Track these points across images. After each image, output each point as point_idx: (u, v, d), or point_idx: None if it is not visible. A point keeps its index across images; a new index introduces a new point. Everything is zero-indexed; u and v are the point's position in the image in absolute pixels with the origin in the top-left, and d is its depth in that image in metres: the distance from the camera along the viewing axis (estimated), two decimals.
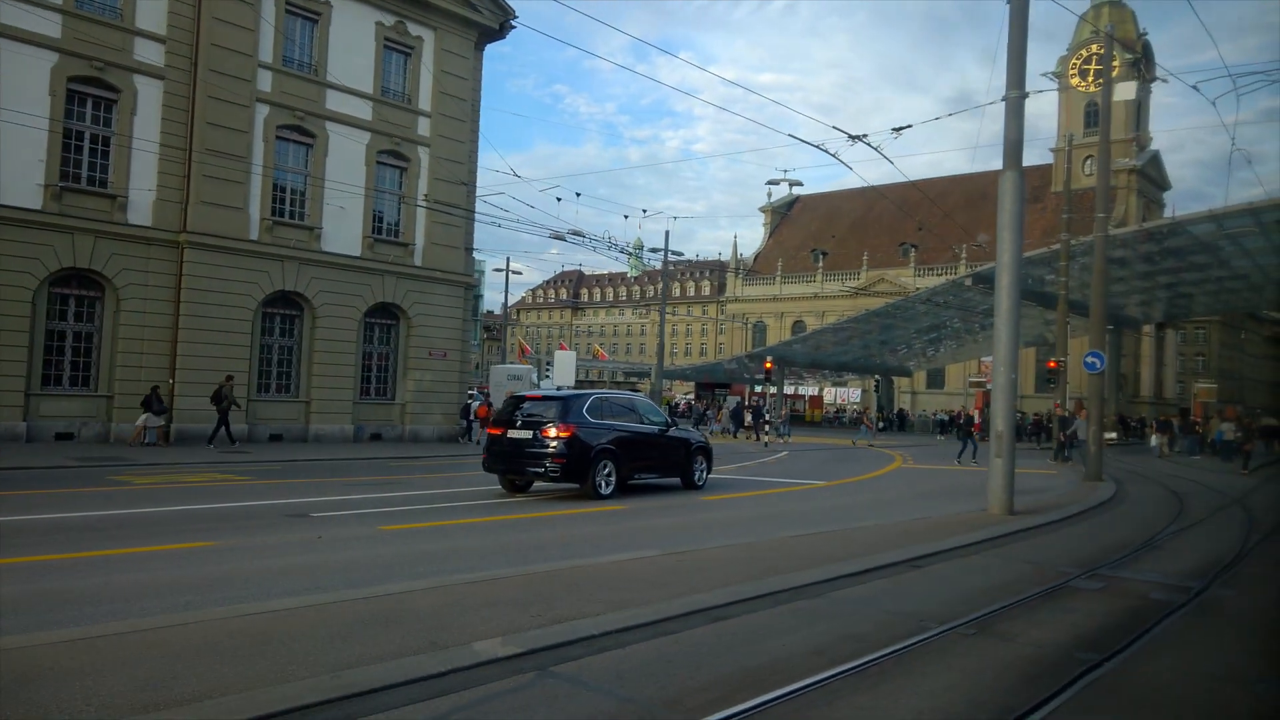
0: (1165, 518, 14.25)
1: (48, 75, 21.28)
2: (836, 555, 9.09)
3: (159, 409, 22.11)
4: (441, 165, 28.36)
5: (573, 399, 14.83)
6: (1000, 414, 13.29)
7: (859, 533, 11.11)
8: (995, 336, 13.47)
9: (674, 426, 16.66)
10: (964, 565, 9.19)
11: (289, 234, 25.38)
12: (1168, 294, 51.21)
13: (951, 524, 12.22)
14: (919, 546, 9.83)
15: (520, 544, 9.81)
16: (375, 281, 27.22)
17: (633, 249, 70.33)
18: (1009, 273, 13.35)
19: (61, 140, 21.74)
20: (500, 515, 12.27)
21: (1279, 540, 12.39)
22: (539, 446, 14.08)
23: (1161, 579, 8.79)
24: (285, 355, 25.93)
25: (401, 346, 28.28)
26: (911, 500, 16.47)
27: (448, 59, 28.70)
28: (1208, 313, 68.04)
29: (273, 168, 25.03)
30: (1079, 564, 9.37)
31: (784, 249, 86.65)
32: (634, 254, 27.18)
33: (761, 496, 16.43)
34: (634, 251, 25.93)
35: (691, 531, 11.22)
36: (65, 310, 22.24)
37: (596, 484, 14.33)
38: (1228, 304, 60.45)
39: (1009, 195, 13.38)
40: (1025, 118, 13.65)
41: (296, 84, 25.43)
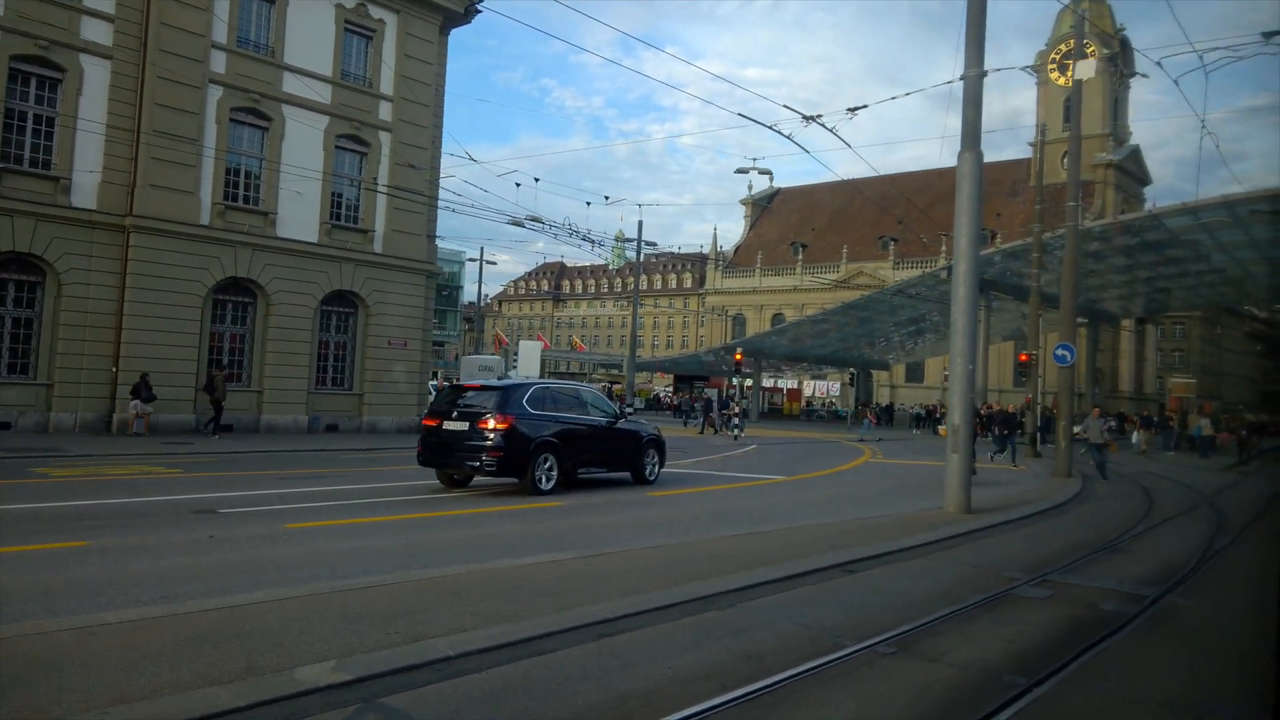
0: (1131, 517, 13.72)
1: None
2: (768, 558, 8.47)
3: (147, 396, 21.70)
4: (403, 150, 27.57)
5: (512, 389, 14.14)
6: (957, 406, 12.70)
7: (800, 532, 10.49)
8: (952, 326, 12.87)
9: (624, 418, 16.00)
10: (903, 570, 8.58)
11: (242, 219, 24.55)
12: (1146, 288, 50.94)
13: (902, 523, 11.64)
14: (859, 549, 9.22)
15: (431, 544, 9.14)
16: (333, 268, 26.43)
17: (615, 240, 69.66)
18: (966, 259, 12.75)
19: (3, 120, 20.88)
20: (424, 512, 11.59)
21: (1246, 543, 11.85)
22: (475, 439, 13.39)
23: (1115, 586, 8.20)
24: (237, 344, 25.12)
25: (360, 335, 27.51)
26: (869, 497, 15.88)
27: (411, 43, 27.88)
28: (1186, 308, 67.94)
29: (225, 151, 24.19)
30: (1028, 569, 8.79)
31: (764, 241, 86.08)
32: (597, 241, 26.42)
33: (713, 492, 15.80)
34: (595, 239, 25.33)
35: (624, 531, 10.58)
36: (4, 295, 21.37)
37: (536, 479, 13.66)
38: (1206, 299, 60.24)
39: (967, 178, 12.78)
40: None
41: (252, 65, 24.57)
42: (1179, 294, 54.17)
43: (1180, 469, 25.86)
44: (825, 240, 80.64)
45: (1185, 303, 61.94)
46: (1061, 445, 20.03)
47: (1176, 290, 52.40)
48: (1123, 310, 57.04)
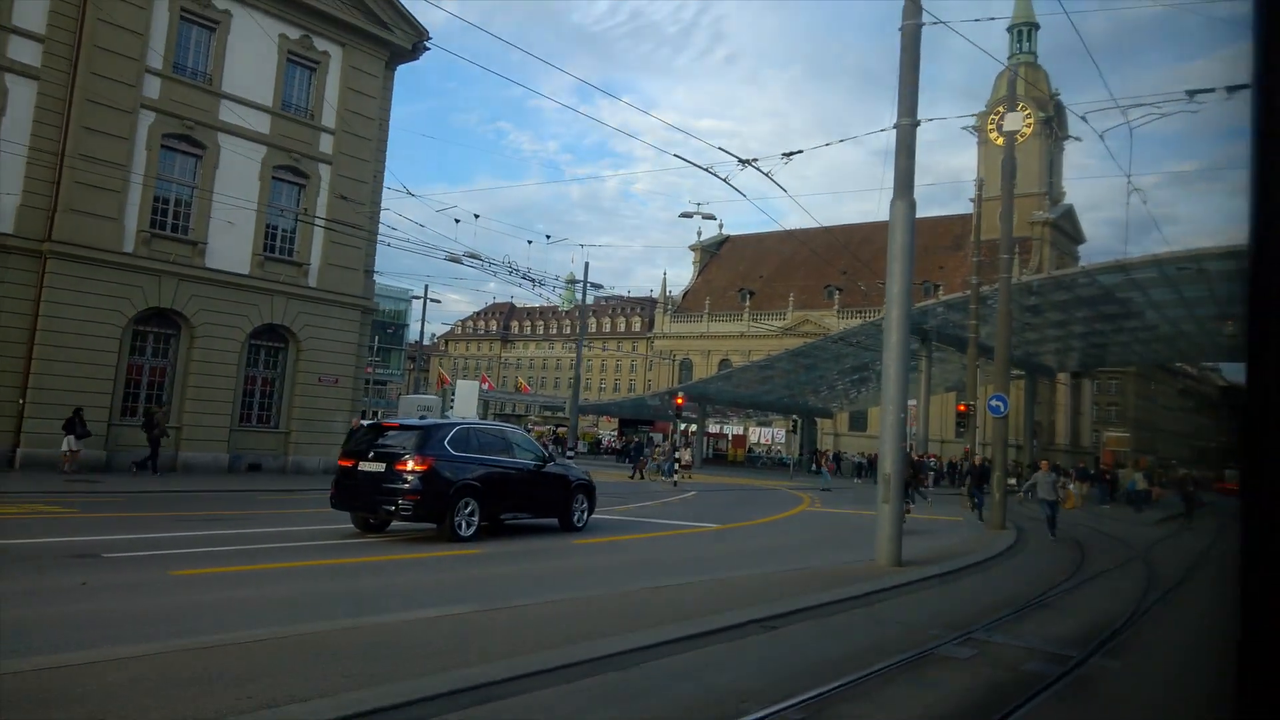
0: (1062, 571, 13.54)
1: None
2: (684, 613, 8.05)
3: (82, 433, 20.89)
4: (343, 184, 27.02)
5: (433, 429, 13.59)
6: (888, 456, 12.46)
7: (723, 585, 10.08)
8: (884, 374, 12.69)
9: (553, 461, 15.51)
10: (823, 627, 8.21)
11: (169, 248, 23.74)
12: (1082, 344, 51.96)
13: (829, 576, 11.30)
14: (781, 603, 8.83)
15: (324, 595, 8.56)
16: (264, 301, 25.65)
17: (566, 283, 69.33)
18: (898, 305, 12.61)
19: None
20: (328, 559, 10.96)
21: (1178, 600, 11.72)
22: (391, 481, 12.79)
23: (1040, 645, 7.91)
24: (157, 377, 24.15)
25: (289, 371, 26.66)
26: (801, 547, 15.54)
27: (355, 76, 27.50)
28: (1121, 363, 69.43)
29: (155, 178, 23.45)
30: (954, 626, 8.47)
31: (712, 288, 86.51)
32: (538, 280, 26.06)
33: (642, 541, 15.34)
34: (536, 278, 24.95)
35: (539, 582, 10.07)
36: None
37: (456, 525, 13.07)
38: (1139, 355, 61.65)
39: (899, 225, 12.69)
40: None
41: (187, 92, 23.95)
42: (1114, 349, 55.34)
43: (1114, 523, 26.01)
44: (773, 288, 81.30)
45: (1120, 358, 63.34)
46: (996, 497, 19.95)
47: (1111, 346, 53.52)
48: (1059, 364, 58.08)
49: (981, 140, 76.15)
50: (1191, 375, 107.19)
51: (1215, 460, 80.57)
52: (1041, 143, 74.95)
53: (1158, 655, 8.22)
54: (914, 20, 13.05)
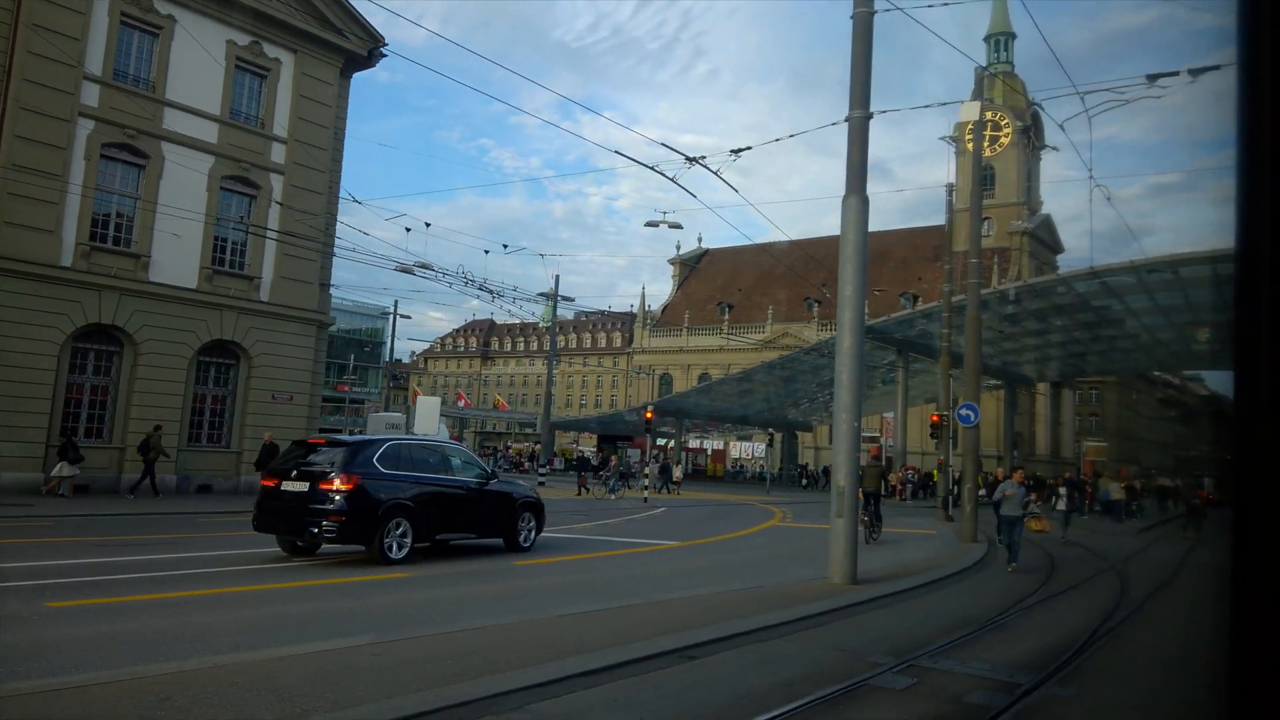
0: (1028, 587, 12.83)
1: None
2: (605, 641, 7.29)
3: (74, 458, 20.66)
4: (296, 195, 26.23)
5: (362, 445, 12.79)
6: (842, 466, 11.73)
7: (659, 608, 9.32)
8: (836, 380, 11.98)
9: (496, 478, 14.72)
10: (754, 654, 7.45)
11: (110, 261, 22.87)
12: (1061, 353, 51.56)
13: (777, 595, 10.55)
14: (714, 628, 8.08)
15: (206, 628, 7.72)
16: (212, 316, 24.77)
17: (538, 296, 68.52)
18: (851, 309, 11.93)
19: None
20: (237, 586, 10.11)
21: (1146, 616, 11.02)
22: (316, 501, 11.98)
23: (989, 671, 7.17)
24: (99, 396, 23.22)
25: (241, 389, 25.79)
26: (758, 564, 14.78)
27: (308, 84, 26.74)
28: (1100, 373, 69.18)
29: (94, 189, 22.61)
30: (899, 651, 7.72)
31: (692, 301, 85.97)
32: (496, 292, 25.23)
33: (592, 561, 14.54)
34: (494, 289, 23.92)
35: (461, 609, 9.27)
36: None
37: (386, 546, 12.26)
38: (1118, 364, 61.37)
39: (851, 223, 12.03)
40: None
41: (129, 100, 23.12)
42: (1093, 359, 54.99)
43: (1091, 534, 25.34)
44: (752, 301, 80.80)
45: (1099, 368, 63.03)
46: (966, 509, 19.27)
47: (1091, 355, 53.16)
48: (1038, 374, 57.67)
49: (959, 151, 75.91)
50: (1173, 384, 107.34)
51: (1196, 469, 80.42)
52: (1019, 152, 74.98)
53: (1116, 680, 7.49)
54: (866, 8, 12.43)
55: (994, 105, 75.91)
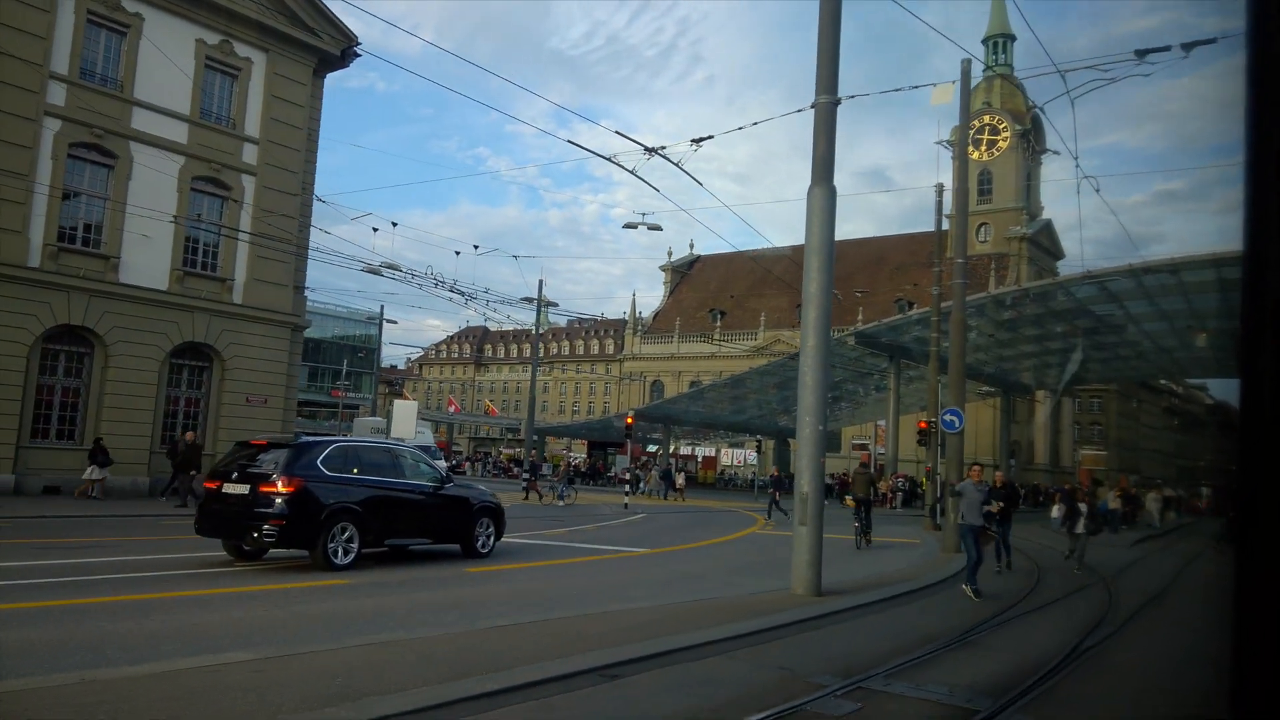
0: (1007, 600, 12.23)
1: None
2: (523, 656, 6.73)
3: (104, 461, 20.85)
4: (269, 196, 25.73)
5: (306, 447, 12.22)
6: (805, 471, 11.18)
7: (598, 620, 8.75)
8: (800, 381, 11.42)
9: (451, 482, 14.16)
10: (685, 673, 6.87)
11: (79, 262, 22.39)
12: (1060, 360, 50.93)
13: (734, 608, 9.98)
14: (649, 644, 7.51)
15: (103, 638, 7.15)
16: (184, 318, 24.28)
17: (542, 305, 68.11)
18: (816, 306, 11.38)
19: None
20: (159, 592, 9.51)
21: (1132, 633, 10.43)
22: (257, 504, 11.45)
23: (944, 696, 6.59)
24: (69, 398, 22.73)
25: (214, 391, 25.28)
26: (722, 574, 14.18)
27: (280, 84, 26.27)
28: (1101, 381, 68.55)
29: (61, 189, 22.12)
30: (849, 671, 7.15)
31: (683, 308, 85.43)
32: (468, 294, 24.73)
33: (549, 568, 13.97)
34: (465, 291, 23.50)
35: (386, 618, 8.70)
36: None
37: (330, 552, 11.71)
38: (1120, 372, 60.73)
39: (817, 216, 11.48)
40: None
41: (96, 99, 22.66)
42: (1094, 367, 54.35)
43: None
44: (744, 307, 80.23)
45: (1100, 376, 62.39)
46: (950, 518, 18.67)
47: (1091, 363, 52.55)
48: (1037, 382, 57.02)
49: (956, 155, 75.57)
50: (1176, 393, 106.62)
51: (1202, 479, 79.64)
52: (1019, 156, 74.37)
53: (1087, 706, 6.91)
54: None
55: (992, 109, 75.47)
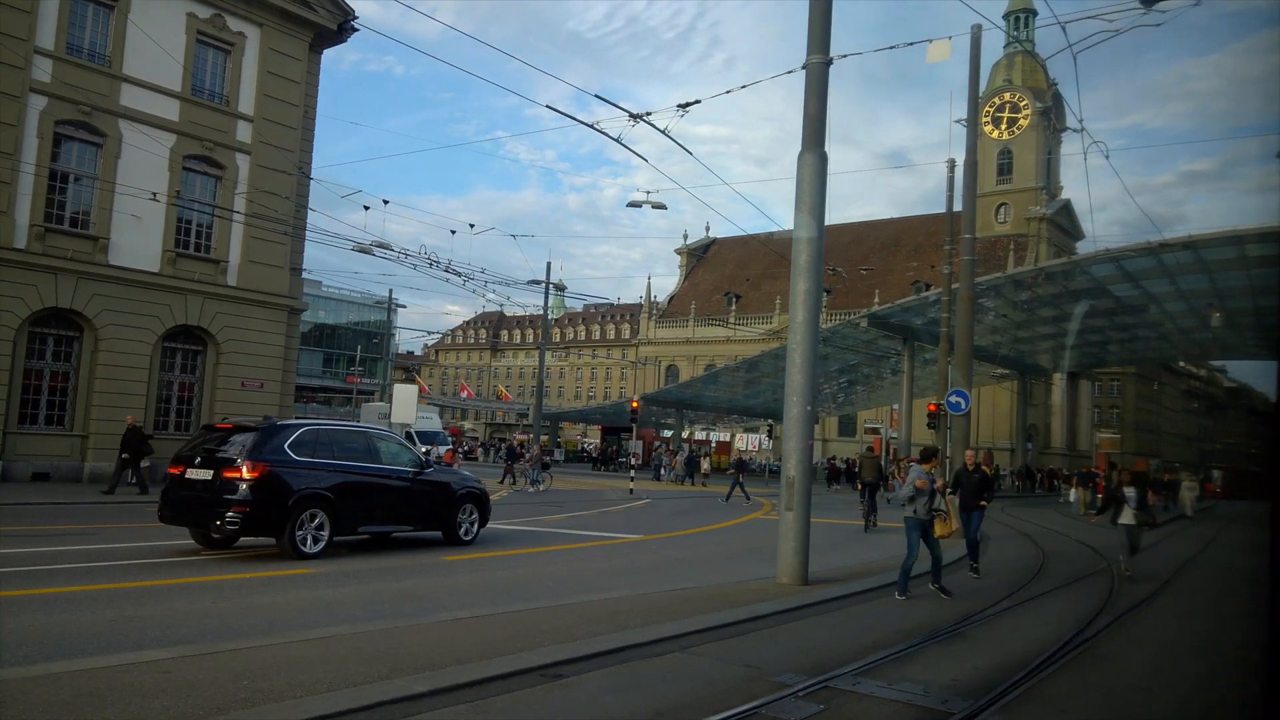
0: (1002, 589, 11.62)
1: None
2: (469, 653, 6.23)
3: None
4: (264, 175, 25.25)
5: (272, 430, 11.71)
6: (793, 455, 10.59)
7: (564, 613, 8.20)
8: (788, 360, 10.82)
9: (431, 468, 13.65)
10: (637, 672, 6.32)
11: (66, 243, 21.99)
12: (1078, 342, 49.89)
13: (713, 597, 9.43)
14: (601, 640, 6.98)
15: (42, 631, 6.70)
16: (176, 301, 23.87)
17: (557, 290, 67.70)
18: (806, 278, 10.76)
19: None
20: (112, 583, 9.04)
21: (1132, 624, 9.80)
22: (220, 491, 10.99)
23: (918, 696, 6.02)
24: (59, 382, 22.40)
25: (209, 375, 24.90)
26: (712, 561, 13.65)
27: (275, 60, 25.73)
28: (1120, 363, 67.36)
29: (48, 168, 21.71)
30: (820, 667, 6.58)
31: (698, 292, 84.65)
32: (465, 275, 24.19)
33: (533, 555, 13.46)
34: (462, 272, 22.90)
35: (336, 611, 8.21)
36: None
37: (299, 540, 11.25)
38: (1140, 354, 59.55)
39: (807, 183, 10.84)
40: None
41: (84, 75, 22.20)
42: (1113, 349, 53.29)
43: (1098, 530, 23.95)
44: (759, 291, 79.37)
45: (1120, 358, 61.26)
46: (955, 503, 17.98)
47: (1111, 345, 51.48)
48: (1055, 365, 55.97)
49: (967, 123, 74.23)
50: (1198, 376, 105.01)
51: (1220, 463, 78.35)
52: (1039, 135, 72.86)
53: (1072, 707, 6.30)
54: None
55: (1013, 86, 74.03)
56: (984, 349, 47.44)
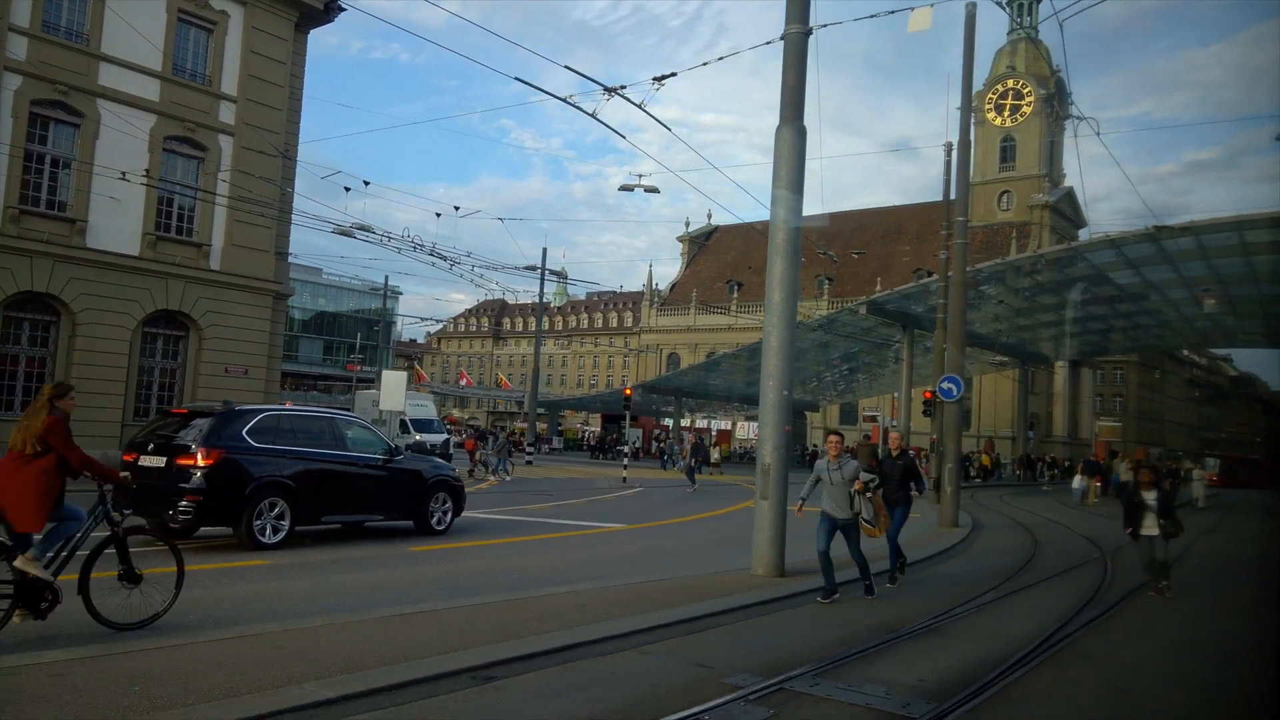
0: (990, 580, 11.16)
1: None
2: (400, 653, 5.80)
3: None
4: (248, 157, 24.75)
5: (230, 416, 11.27)
6: (768, 441, 10.13)
7: (513, 608, 7.76)
8: (764, 342, 10.36)
9: (402, 455, 13.21)
10: (578, 673, 5.88)
11: (42, 226, 21.54)
12: (1079, 330, 49.32)
13: (682, 590, 9.00)
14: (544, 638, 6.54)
15: None
16: (157, 285, 23.43)
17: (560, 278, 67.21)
18: (783, 257, 10.30)
19: None
20: None
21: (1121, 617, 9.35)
22: (174, 479, 10.56)
23: (878, 700, 5.56)
24: (34, 368, 22.00)
25: (191, 361, 24.48)
26: (694, 551, 13.23)
27: (260, 39, 25.21)
28: (1122, 351, 66.73)
29: (23, 148, 21.26)
30: (777, 667, 6.14)
31: (700, 279, 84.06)
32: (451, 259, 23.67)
33: (507, 546, 13.02)
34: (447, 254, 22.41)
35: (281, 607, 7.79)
36: None
37: (257, 530, 10.83)
38: (1142, 342, 58.93)
39: (785, 158, 10.35)
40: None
41: (61, 54, 21.72)
42: (1115, 337, 52.71)
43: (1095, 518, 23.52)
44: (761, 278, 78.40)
45: (1122, 346, 60.66)
46: (947, 491, 17.59)
47: (1113, 333, 50.90)
48: (1056, 352, 55.40)
49: (978, 121, 73.48)
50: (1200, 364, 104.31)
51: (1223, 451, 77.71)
52: (1042, 122, 72.06)
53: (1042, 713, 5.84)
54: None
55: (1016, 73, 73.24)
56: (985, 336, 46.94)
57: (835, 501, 9.08)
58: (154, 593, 6.72)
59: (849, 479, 9.05)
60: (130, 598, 6.57)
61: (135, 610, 6.56)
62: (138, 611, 6.57)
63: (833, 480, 9.08)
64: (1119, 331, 50.59)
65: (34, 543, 6.14)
